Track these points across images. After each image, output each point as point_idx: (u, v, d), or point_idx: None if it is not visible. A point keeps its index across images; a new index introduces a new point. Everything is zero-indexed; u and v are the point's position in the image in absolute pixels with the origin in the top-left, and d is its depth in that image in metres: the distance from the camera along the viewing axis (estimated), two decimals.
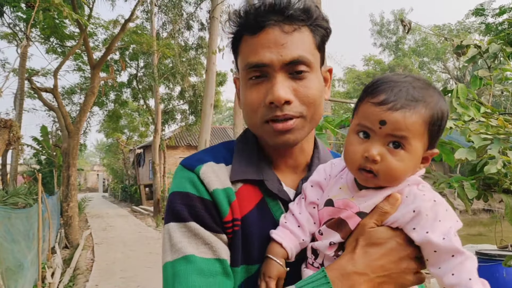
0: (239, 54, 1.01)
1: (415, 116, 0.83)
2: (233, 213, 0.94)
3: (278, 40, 0.93)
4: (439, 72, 34.32)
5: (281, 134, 0.95)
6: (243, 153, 1.04)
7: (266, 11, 0.94)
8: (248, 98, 0.97)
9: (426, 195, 0.85)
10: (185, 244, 0.90)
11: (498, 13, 10.35)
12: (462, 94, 2.37)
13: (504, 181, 2.17)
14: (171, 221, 0.94)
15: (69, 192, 11.69)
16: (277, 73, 0.93)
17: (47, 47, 16.33)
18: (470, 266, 0.78)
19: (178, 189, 0.96)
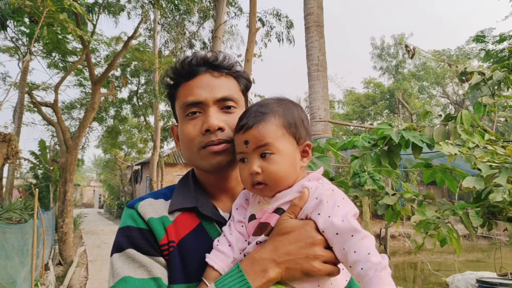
0: (177, 99, 1.20)
1: (266, 126, 1.02)
2: (168, 236, 1.08)
3: (209, 82, 1.15)
4: (438, 96, 34.53)
5: (216, 155, 1.12)
6: (182, 188, 1.21)
7: (198, 62, 1.17)
8: (185, 131, 1.15)
9: (325, 186, 1.01)
10: (123, 268, 1.03)
11: (498, 40, 10.46)
12: (466, 120, 2.35)
13: (509, 209, 2.14)
14: (114, 253, 1.07)
15: (65, 208, 11.58)
16: (210, 107, 1.13)
17: (49, 62, 16.40)
18: (368, 243, 0.89)
19: (121, 225, 1.11)
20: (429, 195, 2.51)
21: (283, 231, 0.97)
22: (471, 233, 2.18)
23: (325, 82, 7.88)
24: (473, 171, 2.30)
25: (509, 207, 2.13)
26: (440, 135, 2.38)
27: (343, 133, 26.88)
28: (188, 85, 1.16)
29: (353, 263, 0.87)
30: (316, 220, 0.95)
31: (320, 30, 7.93)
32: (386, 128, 2.38)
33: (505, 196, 1.95)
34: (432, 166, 2.52)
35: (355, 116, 31.00)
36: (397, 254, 17.28)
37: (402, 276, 13.76)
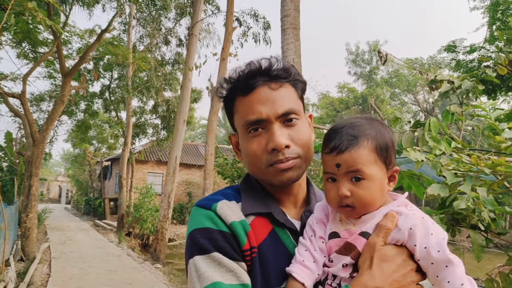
0: (235, 113, 1.18)
1: (360, 150, 1.02)
2: (250, 242, 1.07)
3: (268, 96, 1.11)
4: (410, 104, 35.26)
5: (284, 172, 1.11)
6: (249, 192, 1.19)
7: (253, 74, 1.13)
8: (250, 148, 1.13)
9: (416, 213, 1.02)
10: (211, 272, 1.01)
11: (469, 51, 10.74)
12: (434, 128, 2.38)
13: (472, 217, 2.17)
14: (196, 255, 1.05)
15: (29, 203, 11.23)
16: (273, 124, 1.11)
17: (18, 52, 15.90)
18: (461, 272, 0.94)
19: (198, 226, 1.08)
20: None
21: (386, 258, 0.98)
22: None
23: None
24: (439, 178, 2.33)
25: (472, 215, 2.16)
26: (408, 141, 2.40)
27: (317, 136, 27.10)
28: (247, 101, 1.14)
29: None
30: (411, 249, 0.99)
31: (296, 32, 7.95)
32: None
33: (469, 203, 1.97)
34: (400, 172, 2.54)
35: (329, 120, 31.36)
36: None
37: None
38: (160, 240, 13.84)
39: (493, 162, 1.83)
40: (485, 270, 6.37)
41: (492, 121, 2.47)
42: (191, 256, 1.06)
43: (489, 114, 2.51)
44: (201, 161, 25.64)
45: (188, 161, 26.93)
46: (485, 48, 10.73)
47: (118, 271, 10.47)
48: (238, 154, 1.25)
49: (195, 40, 14.38)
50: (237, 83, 1.15)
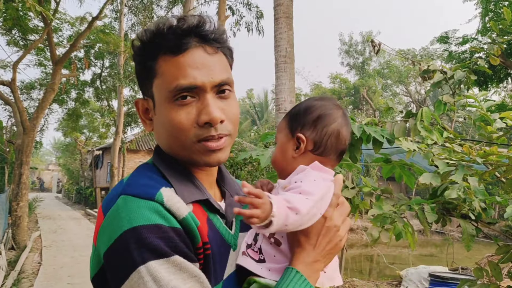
0: (157, 75, 0.98)
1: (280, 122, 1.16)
2: (202, 238, 0.92)
3: (204, 61, 0.96)
4: (401, 95, 35.39)
5: (214, 152, 0.97)
6: (176, 174, 1.00)
7: (187, 32, 0.95)
8: (176, 119, 0.95)
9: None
10: (175, 282, 0.82)
11: (461, 42, 10.77)
12: (426, 117, 2.38)
13: (463, 206, 2.19)
14: (150, 260, 0.82)
15: (19, 191, 11.16)
16: (207, 93, 0.96)
17: (8, 39, 15.67)
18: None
19: (143, 223, 0.84)
20: (387, 190, 2.54)
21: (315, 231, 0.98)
22: (425, 228, 2.22)
23: (292, 74, 7.88)
24: (431, 168, 2.34)
25: (463, 204, 2.17)
26: (400, 131, 2.40)
27: None
28: (177, 62, 0.95)
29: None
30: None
31: (289, 21, 7.91)
32: None
33: (460, 193, 1.98)
34: (392, 162, 2.55)
35: None
36: (354, 246, 17.68)
37: (359, 268, 14.10)
38: None
39: (485, 152, 1.84)
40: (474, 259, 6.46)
41: (484, 111, 2.48)
42: (141, 262, 0.82)
43: (480, 105, 2.52)
44: None
45: None
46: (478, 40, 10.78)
47: None
48: (146, 124, 1.07)
49: None
50: (165, 39, 0.95)
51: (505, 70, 10.22)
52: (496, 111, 2.99)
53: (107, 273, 0.88)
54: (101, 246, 0.88)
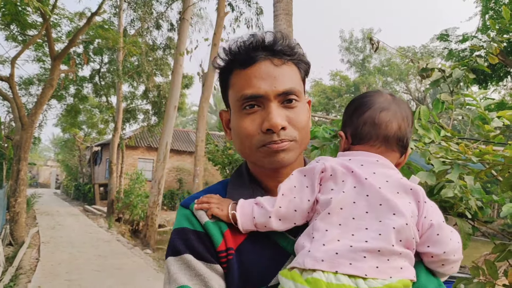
0: (230, 87, 1.08)
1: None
2: (226, 243, 1.01)
3: (270, 72, 1.02)
4: (401, 92, 35.37)
5: (276, 153, 1.02)
6: (235, 183, 1.13)
7: (256, 47, 1.04)
8: (243, 126, 1.04)
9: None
10: (180, 275, 0.98)
11: (461, 40, 10.75)
12: (424, 116, 2.38)
13: (459, 205, 2.18)
14: (169, 256, 1.03)
15: (17, 187, 11.15)
16: (271, 102, 1.02)
17: (7, 34, 15.62)
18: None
19: (176, 226, 1.06)
20: None
21: None
22: None
23: None
24: (429, 166, 2.33)
25: (460, 203, 2.16)
26: None
27: None
28: (245, 74, 1.04)
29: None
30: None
31: (288, 18, 7.89)
32: None
33: (456, 192, 1.98)
34: None
35: (321, 108, 31.37)
36: None
37: None
38: (150, 226, 13.85)
39: (481, 151, 1.83)
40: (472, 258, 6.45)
41: (482, 110, 2.47)
42: (166, 256, 1.04)
43: (479, 103, 2.51)
44: (192, 148, 25.57)
45: (179, 148, 26.85)
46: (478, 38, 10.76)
47: (107, 257, 10.47)
48: (227, 133, 1.16)
49: (186, 25, 14.21)
50: (237, 54, 1.05)
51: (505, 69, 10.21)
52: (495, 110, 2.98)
53: None
54: None
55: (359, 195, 0.94)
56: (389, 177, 0.99)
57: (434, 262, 0.99)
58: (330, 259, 0.87)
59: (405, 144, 1.08)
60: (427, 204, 1.01)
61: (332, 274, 0.85)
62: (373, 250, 0.88)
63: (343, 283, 0.84)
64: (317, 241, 0.90)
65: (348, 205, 0.93)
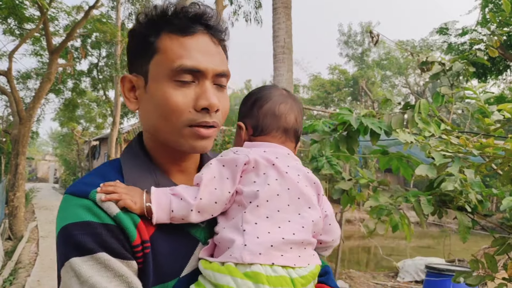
0: (158, 52, 0.96)
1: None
2: (141, 235, 0.89)
3: (209, 49, 0.97)
4: (400, 86, 35.35)
5: (201, 139, 0.97)
6: (134, 169, 0.99)
7: (196, 17, 0.97)
8: (172, 99, 0.94)
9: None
10: (97, 278, 0.82)
11: (461, 33, 10.72)
12: (424, 109, 2.37)
13: (459, 198, 2.18)
14: (73, 256, 0.84)
15: (16, 181, 11.13)
16: (207, 80, 0.96)
17: (4, 28, 15.53)
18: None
19: (74, 220, 0.86)
20: (383, 182, 2.53)
21: None
22: (421, 220, 2.21)
23: (290, 65, 7.85)
24: (428, 160, 2.33)
25: (460, 196, 2.16)
26: (398, 122, 2.39)
27: (307, 117, 27.14)
28: (183, 43, 0.95)
29: None
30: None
31: (287, 12, 7.86)
32: (346, 114, 2.37)
33: (456, 185, 1.97)
34: (389, 153, 2.54)
35: (319, 102, 31.37)
36: (352, 238, 17.76)
37: (356, 260, 14.17)
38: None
39: (482, 144, 1.83)
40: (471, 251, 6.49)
41: (482, 103, 2.46)
42: (66, 258, 0.84)
43: (479, 97, 2.50)
44: None
45: None
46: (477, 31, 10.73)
47: None
48: (130, 102, 1.02)
49: None
50: (173, 17, 0.96)
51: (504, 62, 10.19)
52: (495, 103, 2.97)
53: None
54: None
55: (282, 188, 0.98)
56: (300, 171, 1.05)
57: (321, 247, 1.11)
58: (266, 252, 0.89)
59: (299, 135, 1.15)
60: (324, 197, 1.11)
61: (269, 266, 0.88)
62: (299, 242, 0.94)
63: (280, 274, 0.88)
64: (250, 234, 0.91)
65: (273, 198, 0.96)
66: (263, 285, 0.85)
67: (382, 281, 8.79)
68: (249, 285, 0.85)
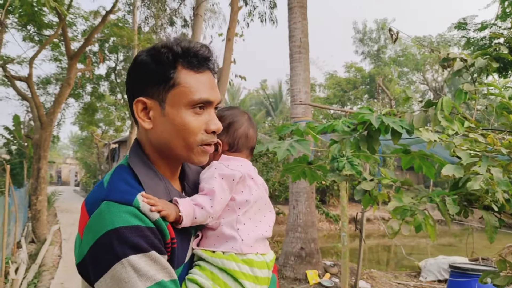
0: (175, 83, 1.15)
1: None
2: (170, 234, 1.10)
3: (213, 83, 1.22)
4: (418, 83, 34.87)
5: (206, 155, 1.23)
6: (147, 176, 1.18)
7: (207, 56, 1.20)
8: (191, 124, 1.16)
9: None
10: (153, 272, 1.01)
11: (480, 28, 10.49)
12: (447, 107, 2.32)
13: (485, 197, 2.13)
14: (130, 255, 1.00)
15: (38, 185, 11.34)
16: (212, 108, 1.22)
17: (24, 35, 15.83)
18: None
19: (125, 224, 1.01)
20: (406, 182, 2.49)
21: None
22: (447, 220, 2.17)
23: (307, 64, 7.81)
24: (451, 159, 2.28)
25: (486, 196, 2.11)
26: (420, 121, 2.34)
27: (323, 116, 26.96)
28: (197, 78, 1.17)
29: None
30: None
31: (303, 11, 7.82)
32: (367, 113, 2.33)
33: (482, 184, 1.93)
34: (411, 152, 2.49)
35: (336, 100, 31.09)
36: (371, 237, 17.61)
37: (376, 259, 14.03)
38: None
39: (510, 142, 1.78)
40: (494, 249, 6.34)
41: (506, 99, 2.40)
42: (123, 256, 0.99)
43: (502, 93, 2.44)
44: None
45: None
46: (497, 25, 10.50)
47: None
48: (144, 122, 1.19)
49: (200, 21, 14.18)
50: (190, 54, 1.17)
51: None
52: None
53: (88, 266, 1.04)
54: (85, 243, 1.04)
55: (258, 196, 1.31)
56: (262, 181, 1.38)
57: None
58: (254, 244, 1.24)
59: (253, 149, 1.47)
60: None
61: (255, 254, 1.24)
62: (268, 236, 1.31)
63: (262, 260, 1.25)
64: (243, 232, 1.24)
65: (254, 204, 1.29)
66: (254, 268, 1.21)
67: (404, 281, 8.68)
68: (246, 268, 1.19)
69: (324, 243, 15.53)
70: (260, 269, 1.22)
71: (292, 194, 8.23)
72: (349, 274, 7.50)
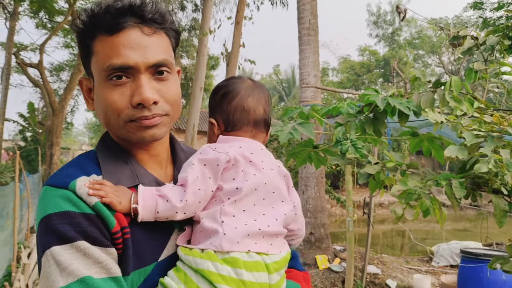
0: (94, 54, 0.99)
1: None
2: (120, 222, 0.94)
3: (140, 41, 0.96)
4: (434, 66, 34.29)
5: (148, 128, 0.98)
6: (110, 160, 1.03)
7: (123, 12, 0.95)
8: (110, 99, 0.97)
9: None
10: (77, 265, 0.85)
11: (496, 7, 10.22)
12: (456, 87, 2.23)
13: (494, 180, 2.05)
14: (54, 245, 0.87)
15: (51, 171, 11.48)
16: (142, 74, 0.96)
17: (37, 22, 15.93)
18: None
19: (54, 210, 0.89)
20: (412, 165, 2.41)
21: None
22: (453, 204, 2.09)
23: (316, 47, 7.67)
24: (460, 140, 2.20)
25: (495, 178, 2.03)
26: (427, 102, 2.25)
27: (337, 101, 26.73)
28: (111, 42, 0.95)
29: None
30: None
31: None
32: (372, 94, 2.25)
33: (491, 166, 1.85)
34: (419, 135, 2.41)
35: (349, 84, 30.77)
36: (385, 222, 17.51)
37: (390, 244, 13.97)
38: None
39: None
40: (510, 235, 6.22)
41: None
42: (47, 247, 0.87)
43: None
44: None
45: (206, 129, 26.96)
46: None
47: None
48: (89, 103, 1.06)
49: (210, 4, 14.06)
50: (101, 18, 0.96)
51: None
52: None
53: None
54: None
55: (260, 182, 1.06)
56: (274, 165, 1.13)
57: (289, 236, 1.15)
58: (243, 241, 0.99)
59: (269, 124, 1.21)
60: (292, 188, 1.19)
61: (245, 253, 0.98)
62: (272, 233, 1.04)
63: (255, 260, 0.98)
64: (228, 225, 1.00)
65: (251, 193, 1.04)
66: (240, 269, 0.95)
67: (416, 266, 8.61)
68: (227, 270, 0.95)
69: (337, 228, 15.50)
70: (249, 272, 0.97)
71: (302, 179, 8.18)
72: (359, 259, 7.47)
